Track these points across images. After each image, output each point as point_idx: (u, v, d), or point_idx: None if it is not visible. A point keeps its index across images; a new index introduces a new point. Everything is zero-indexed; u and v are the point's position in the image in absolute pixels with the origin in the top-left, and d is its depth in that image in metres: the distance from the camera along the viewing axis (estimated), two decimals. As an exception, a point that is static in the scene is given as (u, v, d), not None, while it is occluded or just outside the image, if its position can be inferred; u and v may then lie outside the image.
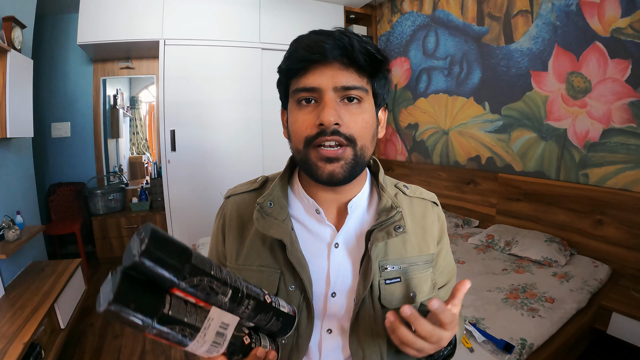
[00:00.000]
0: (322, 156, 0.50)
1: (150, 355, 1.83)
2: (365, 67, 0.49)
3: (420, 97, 3.00)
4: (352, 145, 0.50)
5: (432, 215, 0.64)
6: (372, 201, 0.62)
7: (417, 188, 0.67)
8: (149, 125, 3.74)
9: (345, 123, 0.49)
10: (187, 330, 0.36)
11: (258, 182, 0.65)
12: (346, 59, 0.48)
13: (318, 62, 0.49)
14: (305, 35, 0.51)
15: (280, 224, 0.55)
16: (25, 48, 1.97)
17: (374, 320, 0.57)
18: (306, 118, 0.50)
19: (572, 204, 1.94)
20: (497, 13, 2.31)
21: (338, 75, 0.49)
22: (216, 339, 0.38)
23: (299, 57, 0.49)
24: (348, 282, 0.57)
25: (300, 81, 0.50)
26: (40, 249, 2.26)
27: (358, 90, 0.50)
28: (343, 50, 0.48)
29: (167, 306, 0.35)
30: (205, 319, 0.37)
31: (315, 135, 0.49)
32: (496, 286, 1.58)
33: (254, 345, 0.42)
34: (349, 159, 0.50)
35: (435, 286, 0.63)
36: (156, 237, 0.34)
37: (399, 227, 0.55)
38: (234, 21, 2.82)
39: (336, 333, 0.58)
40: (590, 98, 1.85)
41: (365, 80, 0.51)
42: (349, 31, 0.50)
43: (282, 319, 0.43)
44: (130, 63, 3.23)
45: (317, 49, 0.48)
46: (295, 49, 0.50)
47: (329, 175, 0.50)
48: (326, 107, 0.48)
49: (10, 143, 1.95)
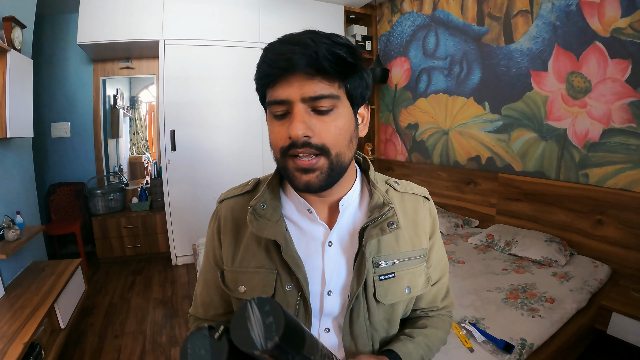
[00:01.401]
0: (298, 166, 0.50)
1: (150, 355, 1.83)
2: (334, 73, 0.47)
3: (420, 97, 3.00)
4: (325, 154, 0.50)
5: (423, 210, 0.65)
6: (364, 199, 0.62)
7: (407, 183, 0.67)
8: (149, 125, 3.74)
9: (317, 133, 0.48)
10: None
11: (250, 184, 0.65)
12: (311, 68, 0.46)
13: (284, 74, 0.47)
14: (273, 44, 0.49)
15: (274, 224, 0.56)
16: (25, 48, 1.97)
17: (368, 317, 0.58)
18: (279, 130, 0.50)
19: (572, 204, 1.94)
20: (497, 13, 2.31)
21: (304, 85, 0.47)
22: None
23: (264, 71, 0.49)
24: (342, 280, 0.58)
25: (270, 93, 0.50)
26: (40, 249, 2.26)
27: (327, 99, 0.48)
28: (307, 59, 0.45)
29: None
30: None
31: (288, 147, 0.49)
32: (496, 286, 1.58)
33: None
34: (324, 169, 0.50)
35: (430, 280, 0.64)
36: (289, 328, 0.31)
37: (393, 224, 0.56)
38: (234, 21, 2.82)
39: (333, 332, 0.59)
40: (590, 98, 1.85)
41: (336, 85, 0.49)
42: (318, 35, 0.47)
43: None
44: (130, 63, 3.23)
45: (281, 63, 0.46)
46: (261, 63, 0.50)
47: (305, 185, 0.51)
48: (294, 120, 0.48)
49: (10, 143, 1.95)
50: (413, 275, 0.60)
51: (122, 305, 2.35)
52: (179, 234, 2.89)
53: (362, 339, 0.57)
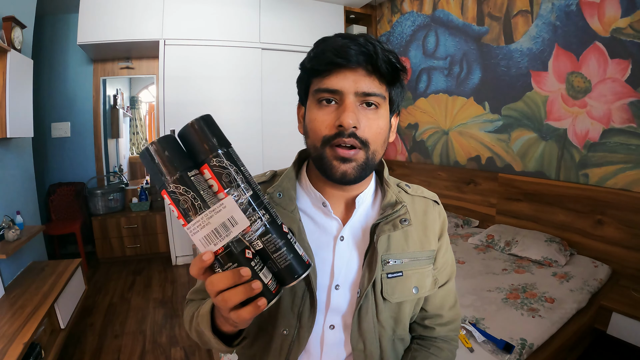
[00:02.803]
0: (338, 155, 0.51)
1: (150, 355, 1.83)
2: (386, 75, 0.51)
3: (420, 97, 3.00)
4: (365, 148, 0.52)
5: (433, 213, 0.66)
6: (377, 197, 0.64)
7: (418, 187, 0.68)
8: (149, 125, 3.74)
9: (362, 127, 0.51)
10: (197, 201, 0.37)
11: (267, 175, 0.66)
12: (370, 66, 0.50)
13: (342, 66, 0.50)
14: (332, 37, 0.53)
15: (289, 214, 0.57)
16: (25, 48, 1.97)
17: (376, 314, 0.58)
18: (325, 118, 0.52)
19: (572, 204, 1.94)
20: (497, 13, 2.31)
21: (361, 80, 0.50)
22: (219, 229, 0.37)
23: (325, 59, 0.50)
24: (352, 275, 0.59)
25: (323, 82, 0.52)
26: (40, 249, 2.26)
27: (377, 97, 0.51)
28: (368, 57, 0.49)
29: (192, 172, 0.38)
30: (218, 202, 0.38)
31: (333, 136, 0.51)
32: (496, 286, 1.58)
33: (254, 265, 0.39)
34: (360, 161, 0.52)
35: (437, 282, 0.64)
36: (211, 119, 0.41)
37: (405, 220, 0.58)
38: (234, 21, 2.82)
39: (339, 329, 0.59)
40: (590, 98, 1.85)
41: (384, 87, 0.52)
42: (372, 38, 0.51)
43: (293, 256, 0.40)
44: (130, 63, 3.23)
45: (343, 54, 0.49)
46: (322, 51, 0.51)
47: (341, 174, 0.52)
48: (347, 110, 0.50)
49: (10, 143, 1.95)
50: (421, 276, 0.61)
51: (122, 305, 2.35)
52: (179, 234, 2.89)
53: (370, 336, 0.58)
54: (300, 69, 0.56)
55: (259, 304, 0.37)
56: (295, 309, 0.57)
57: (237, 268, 0.37)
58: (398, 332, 0.62)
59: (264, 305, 0.38)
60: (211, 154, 0.39)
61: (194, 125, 0.39)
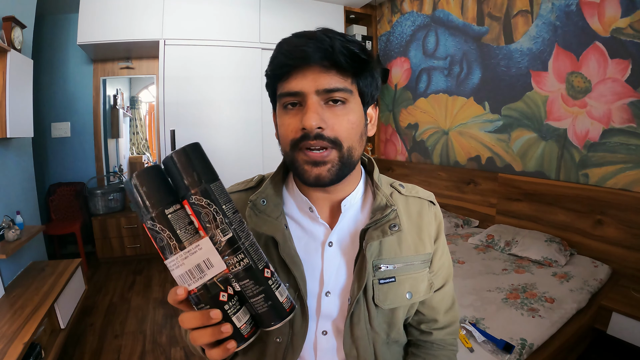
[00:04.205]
0: (309, 159, 0.50)
1: (150, 356, 1.83)
2: (348, 68, 0.49)
3: (420, 97, 3.00)
4: (337, 147, 0.50)
5: (428, 214, 0.63)
6: (367, 200, 0.61)
7: (413, 187, 0.66)
8: (149, 125, 3.74)
9: (330, 126, 0.49)
10: (173, 241, 0.36)
11: (254, 181, 0.64)
12: (327, 61, 0.48)
13: (299, 67, 0.49)
14: (288, 38, 0.51)
15: (273, 221, 0.55)
16: (25, 48, 1.97)
17: (368, 320, 0.57)
18: (291, 122, 0.50)
19: (572, 204, 1.94)
20: (497, 13, 2.31)
21: (319, 78, 0.48)
22: (193, 270, 0.37)
23: (280, 62, 0.49)
24: (342, 282, 0.57)
25: (283, 86, 0.50)
26: (40, 249, 2.26)
27: (341, 92, 0.49)
28: (323, 52, 0.47)
29: (170, 209, 0.37)
30: (194, 243, 0.37)
31: (299, 139, 0.49)
32: (496, 286, 1.58)
33: (227, 309, 0.37)
34: (335, 162, 0.50)
35: (432, 287, 0.62)
36: (196, 149, 0.38)
37: (394, 226, 0.55)
38: (234, 21, 2.82)
39: (331, 335, 0.58)
40: (590, 98, 1.85)
41: (349, 80, 0.50)
42: (331, 32, 0.49)
43: (271, 303, 0.38)
44: (130, 63, 3.23)
45: (297, 54, 0.48)
46: (276, 54, 0.50)
47: (315, 178, 0.50)
48: (308, 111, 0.48)
49: (10, 143, 1.95)
50: (415, 281, 0.59)
51: (122, 305, 2.35)
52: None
53: (363, 342, 0.56)
54: (265, 75, 0.54)
55: (228, 346, 0.37)
56: None
57: (208, 310, 0.36)
58: (392, 335, 0.60)
59: (233, 348, 0.37)
60: (190, 191, 0.37)
61: (173, 157, 0.37)
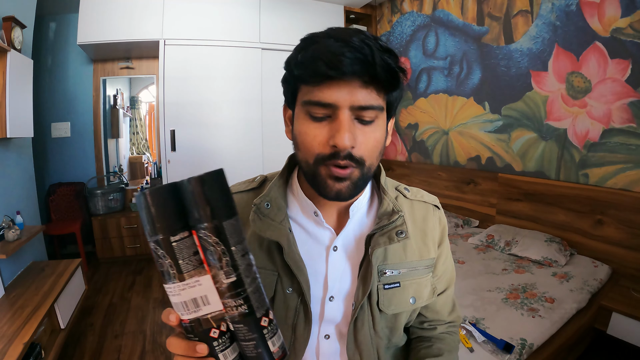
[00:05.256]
0: (333, 175, 0.47)
1: (150, 356, 1.83)
2: (386, 84, 0.46)
3: (420, 97, 3.00)
4: (360, 166, 0.48)
5: (433, 219, 0.63)
6: (373, 204, 0.60)
7: (418, 191, 0.65)
8: (149, 125, 3.74)
9: (358, 144, 0.47)
10: (174, 270, 0.35)
11: (256, 181, 0.63)
12: (367, 76, 0.44)
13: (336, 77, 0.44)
14: (322, 39, 0.45)
15: (278, 225, 0.54)
16: (25, 48, 1.97)
17: (372, 325, 0.56)
18: (318, 133, 0.47)
19: (572, 204, 1.94)
20: (497, 13, 2.31)
21: (356, 92, 0.44)
22: (189, 303, 0.35)
23: (316, 69, 0.44)
24: (346, 287, 0.57)
25: (313, 93, 0.46)
26: (40, 249, 2.25)
27: (374, 110, 0.46)
28: (364, 65, 0.43)
29: (177, 236, 0.34)
30: (195, 277, 0.35)
31: (328, 156, 0.47)
32: (496, 286, 1.58)
33: (215, 345, 0.36)
34: (355, 179, 0.49)
35: (435, 291, 0.62)
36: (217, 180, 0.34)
37: (401, 233, 0.54)
38: (234, 21, 2.82)
39: (334, 339, 0.58)
40: (590, 98, 1.85)
41: (382, 96, 0.47)
42: (367, 37, 0.44)
43: (260, 351, 0.37)
44: (130, 63, 3.23)
45: (336, 64, 0.42)
46: (311, 58, 0.44)
47: (336, 193, 0.49)
48: (342, 128, 0.45)
49: (10, 143, 1.95)
50: (419, 286, 0.59)
51: (122, 305, 2.35)
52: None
53: (367, 347, 0.56)
54: (286, 69, 0.50)
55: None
56: (289, 322, 0.55)
57: (195, 343, 0.36)
58: (394, 340, 0.60)
59: None
60: (199, 224, 0.34)
61: (191, 183, 0.33)
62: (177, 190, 0.34)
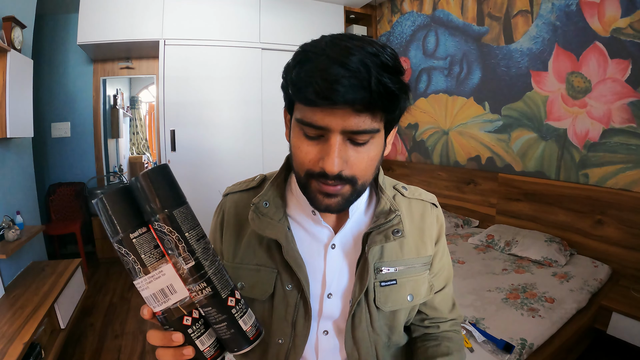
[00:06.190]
0: (322, 190, 0.48)
1: (151, 356, 1.83)
2: (382, 109, 0.44)
3: (420, 97, 3.00)
4: (351, 183, 0.48)
5: (431, 216, 0.63)
6: (371, 203, 0.61)
7: (416, 189, 0.66)
8: (149, 125, 3.75)
9: (350, 165, 0.46)
10: (138, 265, 0.36)
11: (256, 180, 0.64)
12: (360, 104, 0.42)
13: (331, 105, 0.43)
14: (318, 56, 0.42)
15: (276, 224, 0.55)
16: (25, 48, 1.97)
17: (370, 322, 0.57)
18: (310, 150, 0.47)
19: (572, 204, 1.94)
20: (497, 13, 2.31)
21: (349, 119, 0.43)
22: (157, 295, 0.37)
23: (307, 97, 0.42)
24: (344, 284, 0.57)
25: (306, 114, 0.45)
26: (40, 249, 2.26)
27: (368, 134, 0.45)
28: (359, 93, 0.40)
29: (136, 233, 0.36)
30: (158, 268, 0.37)
31: (317, 174, 0.47)
32: (496, 286, 1.58)
33: (190, 332, 0.38)
34: (347, 195, 0.49)
35: (433, 288, 0.62)
36: (162, 173, 0.37)
37: (397, 232, 0.55)
38: (234, 21, 2.82)
39: (332, 334, 0.58)
40: (590, 98, 1.85)
41: (378, 118, 0.45)
42: (369, 56, 0.41)
43: (233, 331, 0.38)
44: (130, 63, 3.23)
45: (327, 93, 0.40)
46: (304, 82, 0.42)
47: (326, 207, 0.49)
48: (331, 153, 0.44)
49: (10, 143, 1.95)
50: (416, 283, 0.59)
51: (122, 305, 2.35)
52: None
53: (365, 344, 0.56)
54: (283, 78, 0.49)
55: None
56: (289, 318, 0.56)
57: (171, 332, 0.37)
58: (393, 339, 0.60)
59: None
60: (152, 217, 0.36)
61: (139, 181, 0.36)
62: (130, 190, 0.37)
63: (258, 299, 0.57)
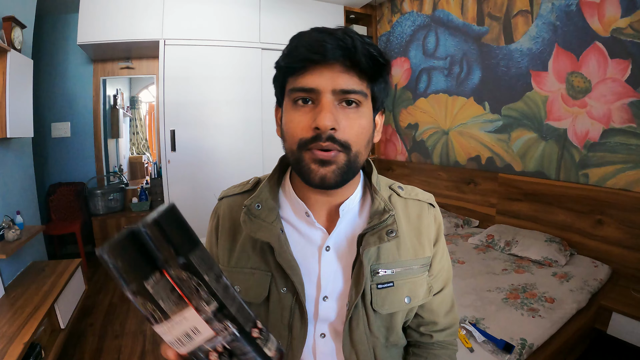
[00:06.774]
0: (316, 158, 0.48)
1: (150, 356, 1.83)
2: (367, 70, 0.47)
3: (420, 97, 3.00)
4: (345, 151, 0.48)
5: (428, 217, 0.62)
6: (365, 204, 0.60)
7: (412, 189, 0.64)
8: (149, 125, 3.75)
9: (342, 128, 0.48)
10: (157, 313, 0.35)
11: (250, 183, 0.63)
12: (348, 61, 0.46)
13: (318, 63, 0.47)
14: (307, 32, 0.48)
15: (269, 226, 0.54)
16: (25, 48, 1.97)
17: (367, 325, 0.56)
18: (302, 119, 0.48)
19: (572, 204, 1.94)
20: (497, 13, 2.31)
21: (338, 77, 0.47)
22: (181, 338, 0.36)
23: (299, 55, 0.47)
24: (339, 286, 0.57)
25: (297, 80, 0.48)
26: (40, 249, 2.25)
27: (357, 95, 0.48)
28: (345, 51, 0.45)
29: (151, 281, 0.34)
30: (179, 313, 0.35)
31: (310, 139, 0.48)
32: (496, 286, 1.58)
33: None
34: (341, 164, 0.49)
35: (432, 290, 0.61)
36: (170, 217, 0.35)
37: (392, 232, 0.54)
38: (234, 21, 2.82)
39: (329, 337, 0.58)
40: (590, 98, 1.85)
41: (365, 84, 0.49)
42: (351, 31, 0.47)
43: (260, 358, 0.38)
44: (130, 63, 3.23)
45: (318, 49, 0.45)
46: (295, 47, 0.48)
47: (321, 179, 0.49)
48: (323, 110, 0.46)
49: (10, 143, 1.95)
50: (414, 285, 0.58)
51: (122, 305, 2.35)
52: (179, 234, 2.89)
53: (363, 347, 0.56)
54: (275, 67, 0.52)
55: None
56: (285, 321, 0.55)
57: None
58: (391, 339, 0.60)
59: None
60: (166, 264, 0.34)
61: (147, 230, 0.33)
62: (136, 237, 0.34)
63: (253, 302, 0.56)
